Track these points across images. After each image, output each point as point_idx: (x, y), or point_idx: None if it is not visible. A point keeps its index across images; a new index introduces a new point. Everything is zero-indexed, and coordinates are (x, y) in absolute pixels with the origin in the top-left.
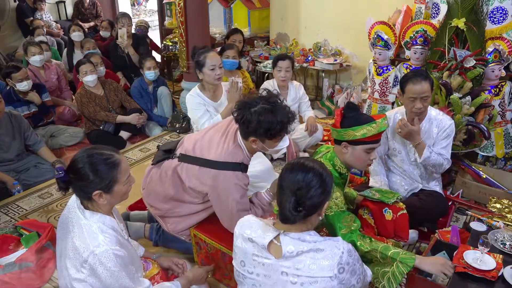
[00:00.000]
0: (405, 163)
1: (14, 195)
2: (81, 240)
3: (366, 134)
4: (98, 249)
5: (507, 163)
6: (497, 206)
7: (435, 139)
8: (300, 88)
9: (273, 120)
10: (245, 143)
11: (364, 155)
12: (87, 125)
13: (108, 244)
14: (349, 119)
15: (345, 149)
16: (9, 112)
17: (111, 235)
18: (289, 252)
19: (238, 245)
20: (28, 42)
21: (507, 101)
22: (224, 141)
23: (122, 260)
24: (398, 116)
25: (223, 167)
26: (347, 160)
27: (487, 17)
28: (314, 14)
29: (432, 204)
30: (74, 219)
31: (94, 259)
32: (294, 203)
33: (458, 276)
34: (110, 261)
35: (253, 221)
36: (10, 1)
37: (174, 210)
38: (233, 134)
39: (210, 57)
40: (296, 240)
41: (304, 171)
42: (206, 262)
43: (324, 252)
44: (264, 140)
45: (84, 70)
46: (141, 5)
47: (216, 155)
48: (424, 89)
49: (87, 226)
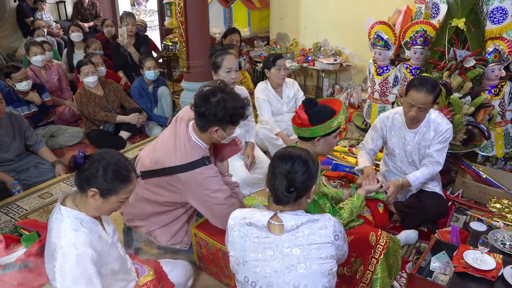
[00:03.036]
0: (404, 163)
1: (14, 195)
2: (54, 237)
3: (340, 123)
4: (66, 246)
5: (507, 163)
6: (497, 206)
7: (431, 141)
8: (294, 83)
9: (236, 106)
10: (201, 137)
11: (334, 140)
12: (87, 125)
13: (75, 243)
14: (315, 114)
15: (317, 142)
16: (9, 112)
17: (84, 233)
18: (290, 226)
19: (235, 235)
20: (30, 42)
21: (507, 101)
22: (179, 144)
23: (87, 261)
24: (397, 117)
25: (188, 168)
26: (317, 151)
27: (487, 17)
28: (314, 14)
29: (432, 205)
30: (53, 217)
31: (61, 257)
32: (286, 185)
33: (458, 276)
34: (72, 260)
35: (246, 210)
36: (10, 1)
37: (156, 222)
38: (184, 134)
39: (228, 60)
40: (293, 215)
41: (292, 159)
42: (207, 261)
43: (320, 222)
44: (226, 128)
45: (85, 71)
46: (141, 5)
47: (177, 159)
48: (424, 100)
49: (62, 223)
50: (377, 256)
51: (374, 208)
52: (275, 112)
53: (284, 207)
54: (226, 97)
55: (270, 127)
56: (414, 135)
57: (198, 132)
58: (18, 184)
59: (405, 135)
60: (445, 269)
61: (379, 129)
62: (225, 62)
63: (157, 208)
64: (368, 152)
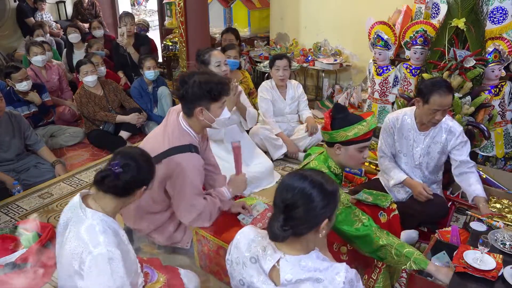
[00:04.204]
0: (408, 165)
1: (14, 195)
2: (80, 239)
3: (358, 134)
4: (97, 250)
5: (507, 163)
6: (497, 206)
7: (450, 146)
8: (299, 87)
9: (212, 81)
10: (190, 123)
11: (358, 154)
12: (87, 125)
13: (107, 246)
14: (339, 120)
15: (338, 150)
16: (9, 112)
17: (111, 235)
18: (287, 280)
19: (234, 260)
20: (30, 42)
21: (507, 101)
22: (168, 131)
23: (119, 261)
24: (406, 118)
25: (175, 151)
26: (341, 160)
27: (487, 17)
28: (314, 14)
29: (432, 207)
30: (74, 218)
31: (92, 260)
32: (281, 222)
33: (458, 276)
34: (106, 263)
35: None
36: (10, 1)
37: (153, 222)
38: (174, 121)
39: (215, 55)
40: (295, 266)
41: (294, 189)
42: (207, 260)
43: (324, 283)
44: (209, 106)
45: (84, 70)
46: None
47: (165, 145)
48: (450, 102)
49: (88, 225)
50: (380, 265)
51: (375, 217)
52: (277, 113)
53: (288, 246)
54: (202, 76)
55: (270, 127)
56: (425, 138)
57: (187, 119)
58: (18, 184)
59: (414, 137)
60: None
61: (389, 131)
62: (212, 58)
63: (149, 206)
64: (391, 159)
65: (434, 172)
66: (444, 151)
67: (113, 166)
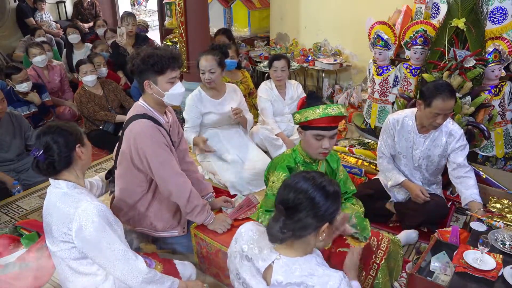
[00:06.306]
0: (408, 167)
1: (14, 195)
2: (63, 210)
3: (308, 117)
4: (81, 207)
5: (507, 163)
6: (497, 206)
7: (449, 149)
8: (299, 86)
9: (156, 54)
10: (144, 98)
11: (314, 141)
12: (87, 125)
13: (89, 200)
14: (307, 104)
15: (300, 134)
16: (9, 112)
17: (91, 196)
18: (277, 282)
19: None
20: (28, 44)
21: (507, 101)
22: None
23: (105, 214)
24: (407, 120)
25: (128, 122)
26: (303, 145)
27: (487, 17)
28: (314, 14)
29: (433, 208)
30: (52, 198)
31: (78, 217)
32: (282, 223)
33: (458, 276)
34: (93, 215)
35: (255, 232)
36: (10, 1)
37: (138, 211)
38: (136, 103)
39: (201, 62)
40: (288, 268)
41: (296, 191)
42: (206, 262)
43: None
44: (156, 80)
45: (84, 70)
46: (141, 5)
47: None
48: (452, 106)
49: (67, 196)
50: (378, 261)
51: (341, 243)
52: (276, 113)
53: (287, 248)
54: (148, 50)
55: (270, 127)
56: (425, 140)
57: (143, 96)
58: (18, 184)
59: (414, 139)
60: (445, 269)
61: (390, 132)
62: (199, 64)
63: (132, 195)
64: (390, 160)
65: (434, 174)
66: (444, 154)
67: (33, 153)
